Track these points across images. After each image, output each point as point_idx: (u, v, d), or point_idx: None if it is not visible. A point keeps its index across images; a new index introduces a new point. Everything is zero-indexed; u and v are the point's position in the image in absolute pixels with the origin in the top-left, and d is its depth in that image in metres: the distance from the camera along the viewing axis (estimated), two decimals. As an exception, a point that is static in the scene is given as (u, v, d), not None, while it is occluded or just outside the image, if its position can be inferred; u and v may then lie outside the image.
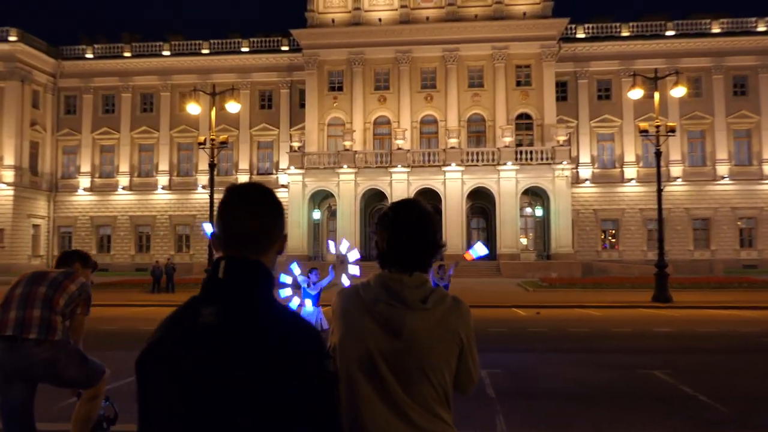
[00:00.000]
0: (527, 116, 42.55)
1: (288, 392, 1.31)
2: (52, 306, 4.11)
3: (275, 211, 1.55)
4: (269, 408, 1.30)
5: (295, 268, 9.62)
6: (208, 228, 10.78)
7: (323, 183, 40.42)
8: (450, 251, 29.67)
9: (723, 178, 43.01)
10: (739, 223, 43.09)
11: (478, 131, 43.13)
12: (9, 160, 44.78)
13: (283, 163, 43.70)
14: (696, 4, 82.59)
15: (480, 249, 5.33)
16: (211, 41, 47.34)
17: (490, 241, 42.61)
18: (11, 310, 4.09)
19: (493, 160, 39.20)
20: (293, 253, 40.10)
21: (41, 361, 4.02)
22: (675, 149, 42.55)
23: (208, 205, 25.83)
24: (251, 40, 46.96)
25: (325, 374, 1.36)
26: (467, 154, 39.74)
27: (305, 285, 9.68)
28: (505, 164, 38.78)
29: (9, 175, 44.64)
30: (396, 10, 43.38)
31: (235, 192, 1.55)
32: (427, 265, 1.93)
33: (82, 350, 4.35)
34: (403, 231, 1.91)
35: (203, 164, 43.60)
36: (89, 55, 48.15)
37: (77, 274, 4.41)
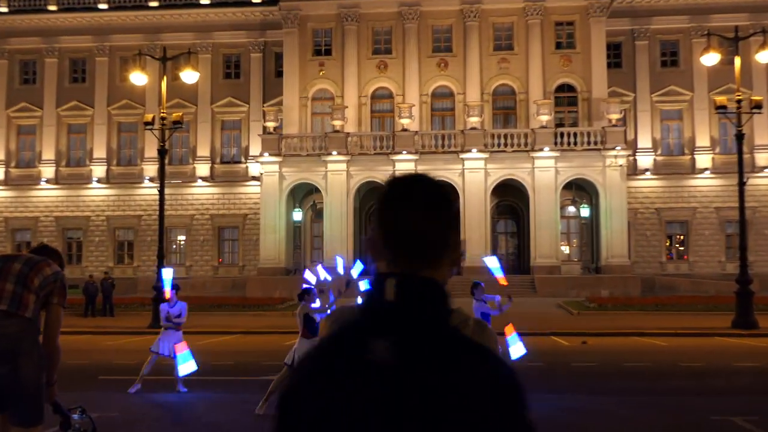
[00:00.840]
0: (570, 88, 42.56)
1: None
2: (26, 283, 4.79)
3: (453, 212, 1.56)
4: None
5: (339, 264, 10.28)
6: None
7: (306, 174, 40.45)
8: (469, 263, 29.69)
9: (824, 167, 43.03)
10: None
11: (506, 107, 43.14)
12: None
13: (255, 148, 43.71)
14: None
15: (491, 262, 5.37)
16: (161, -9, 47.45)
17: (521, 250, 42.64)
18: None
19: (525, 144, 39.21)
20: (266, 265, 40.19)
21: (6, 335, 4.66)
22: (762, 131, 42.51)
23: (158, 203, 25.78)
24: (213, -11, 47.06)
25: (528, 429, 1.38)
26: (492, 136, 39.76)
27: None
28: (541, 150, 38.81)
29: None
30: (400, -50, 43.45)
31: (403, 187, 1.54)
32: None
33: (59, 348, 5.06)
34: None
35: (151, 150, 43.56)
36: (3, 9, 48.18)
37: (53, 263, 5.13)
